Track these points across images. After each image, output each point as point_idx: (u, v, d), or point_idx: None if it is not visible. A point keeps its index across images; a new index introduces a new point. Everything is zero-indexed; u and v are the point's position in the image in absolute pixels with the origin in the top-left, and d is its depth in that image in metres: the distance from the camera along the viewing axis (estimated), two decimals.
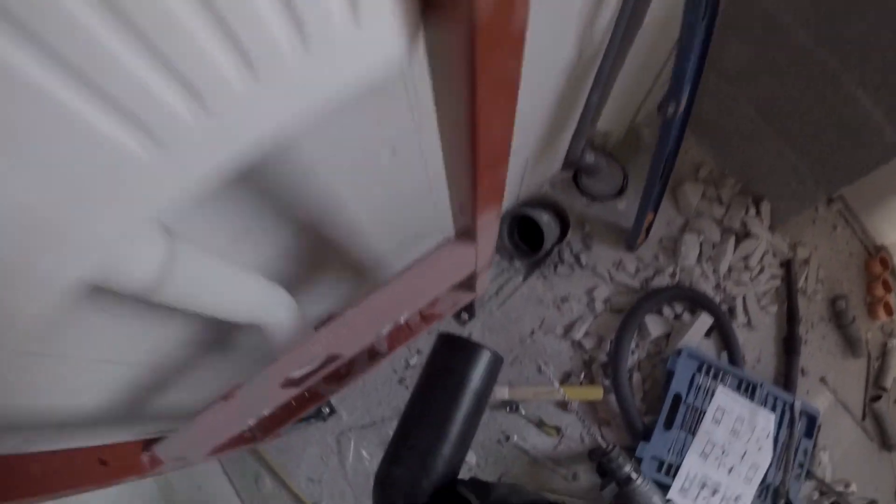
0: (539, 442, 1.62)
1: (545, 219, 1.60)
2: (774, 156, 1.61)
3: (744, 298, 1.70)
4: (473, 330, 1.68)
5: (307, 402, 1.10)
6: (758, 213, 1.73)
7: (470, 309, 1.67)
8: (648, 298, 1.62)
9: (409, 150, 0.84)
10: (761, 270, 1.73)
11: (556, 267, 1.68)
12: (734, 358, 1.64)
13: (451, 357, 0.65)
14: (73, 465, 0.60)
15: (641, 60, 1.33)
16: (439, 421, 0.61)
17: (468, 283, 0.87)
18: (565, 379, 1.64)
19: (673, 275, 1.68)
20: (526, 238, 1.70)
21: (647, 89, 1.65)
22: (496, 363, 0.66)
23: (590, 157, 1.65)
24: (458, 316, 1.69)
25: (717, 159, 1.79)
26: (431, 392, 0.64)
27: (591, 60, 1.15)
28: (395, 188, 0.94)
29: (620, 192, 1.74)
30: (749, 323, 1.70)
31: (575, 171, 1.74)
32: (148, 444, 0.69)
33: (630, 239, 1.66)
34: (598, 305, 1.66)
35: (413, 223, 1.17)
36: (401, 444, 0.62)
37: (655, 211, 1.61)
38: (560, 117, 1.33)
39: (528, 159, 1.46)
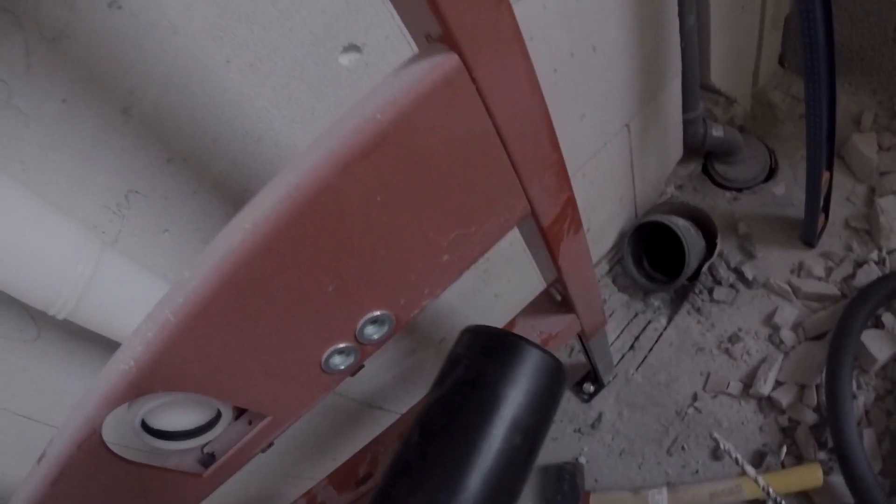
0: None
1: (681, 224, 1.10)
2: None
3: None
4: (604, 408, 1.15)
5: None
6: None
7: (594, 376, 1.16)
8: (858, 306, 1.08)
9: None
10: None
11: (711, 292, 1.16)
12: None
13: (474, 363, 0.37)
14: None
15: None
16: (449, 471, 0.33)
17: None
18: (758, 462, 1.08)
19: (880, 262, 1.15)
20: (658, 263, 1.20)
21: (759, 20, 1.21)
22: (556, 374, 0.37)
23: (717, 131, 1.19)
24: (578, 387, 1.18)
25: (879, 96, 1.30)
26: (439, 423, 0.36)
27: None
28: None
29: (771, 173, 1.24)
30: None
31: (704, 158, 1.26)
32: None
33: (807, 228, 1.15)
34: (787, 336, 1.13)
35: None
36: None
37: (831, 169, 1.10)
38: (649, 50, 0.98)
39: (627, 126, 1.01)
